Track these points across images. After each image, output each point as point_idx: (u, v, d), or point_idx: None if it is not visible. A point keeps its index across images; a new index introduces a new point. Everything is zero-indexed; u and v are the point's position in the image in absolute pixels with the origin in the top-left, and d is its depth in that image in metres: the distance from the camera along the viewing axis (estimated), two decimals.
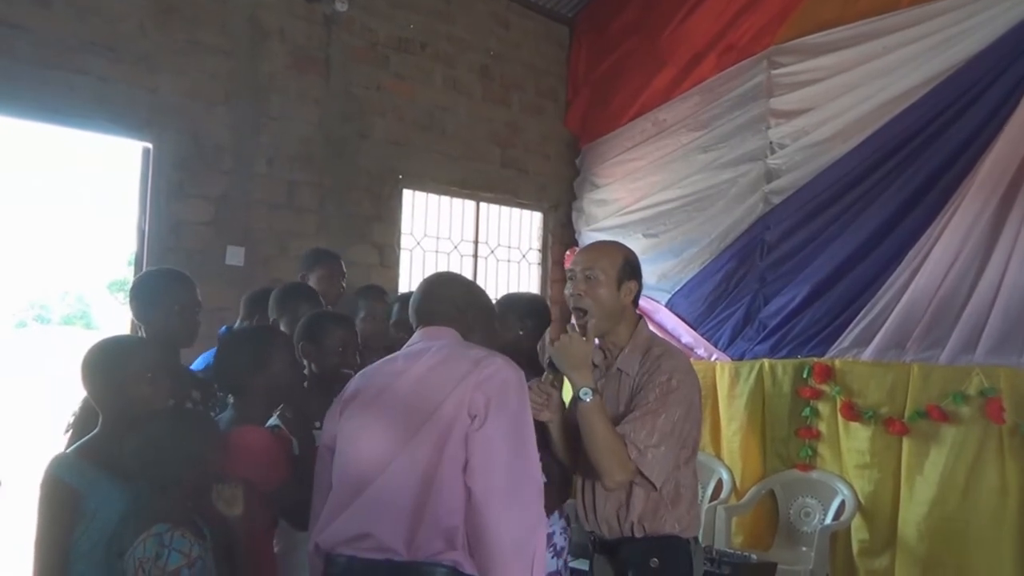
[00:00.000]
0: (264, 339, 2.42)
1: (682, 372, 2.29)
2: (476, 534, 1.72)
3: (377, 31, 5.16)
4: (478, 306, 2.13)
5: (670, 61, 5.67)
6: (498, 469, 1.73)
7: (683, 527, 2.27)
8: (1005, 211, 4.05)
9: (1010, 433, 3.94)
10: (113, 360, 2.16)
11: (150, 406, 2.12)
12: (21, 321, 34.62)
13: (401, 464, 1.78)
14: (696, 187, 5.47)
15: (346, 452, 1.89)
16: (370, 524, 1.78)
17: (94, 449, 2.10)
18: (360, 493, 1.80)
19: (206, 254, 4.35)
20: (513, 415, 1.79)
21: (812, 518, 4.67)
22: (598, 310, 2.31)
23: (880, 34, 4.61)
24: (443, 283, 2.17)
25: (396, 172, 5.25)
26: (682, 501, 2.28)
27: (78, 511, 2.01)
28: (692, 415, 2.29)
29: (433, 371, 1.86)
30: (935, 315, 4.22)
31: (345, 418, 1.93)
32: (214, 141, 4.42)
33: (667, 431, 2.22)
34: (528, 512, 1.75)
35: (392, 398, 1.87)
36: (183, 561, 1.93)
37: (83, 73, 3.95)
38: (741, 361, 5.01)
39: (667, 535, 2.25)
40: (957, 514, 4.05)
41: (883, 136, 4.55)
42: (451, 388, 1.79)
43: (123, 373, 2.12)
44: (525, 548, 1.72)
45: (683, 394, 2.26)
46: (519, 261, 6.27)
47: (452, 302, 2.07)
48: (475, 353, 1.89)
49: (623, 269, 2.35)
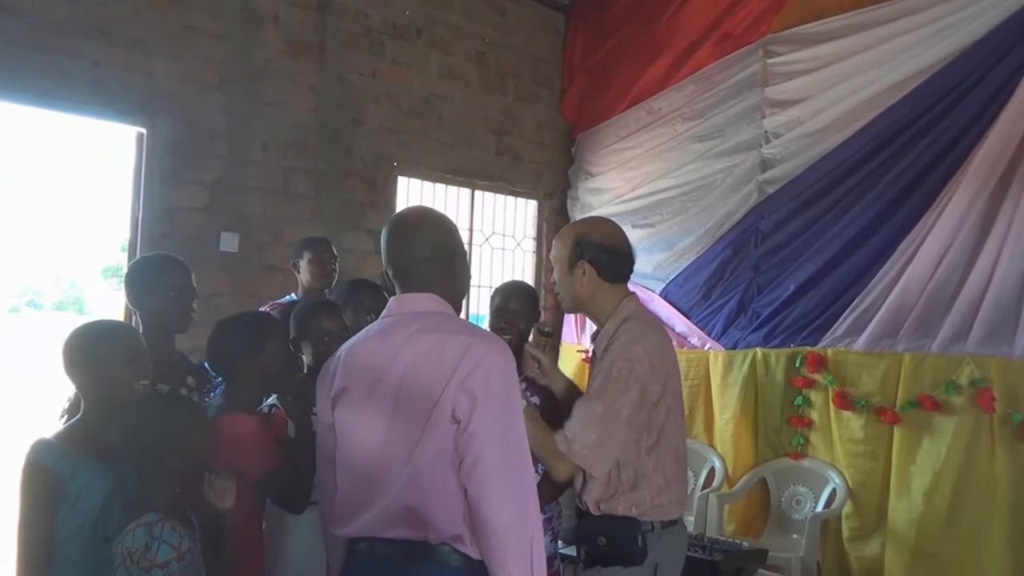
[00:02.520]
0: (259, 325, 2.41)
1: (628, 358, 2.23)
2: (475, 526, 1.73)
3: (372, 17, 5.13)
4: (453, 250, 1.97)
5: (666, 50, 5.66)
6: (488, 466, 1.72)
7: (641, 511, 2.26)
8: (998, 202, 4.06)
9: (1001, 422, 3.97)
10: (94, 344, 2.15)
11: (131, 391, 2.11)
12: (14, 306, 34.53)
13: (405, 456, 1.76)
14: (691, 176, 5.47)
15: (350, 447, 1.86)
16: (401, 504, 1.77)
17: (77, 433, 2.11)
18: (373, 488, 1.79)
19: (200, 240, 4.33)
20: (497, 409, 1.75)
21: (803, 506, 4.71)
22: (562, 295, 2.41)
23: (875, 23, 4.61)
24: (414, 228, 1.96)
25: (391, 159, 5.24)
26: (643, 487, 2.26)
27: (60, 495, 2.01)
28: (648, 400, 2.25)
29: (421, 362, 1.78)
30: (927, 305, 4.24)
31: (340, 411, 1.88)
32: (208, 126, 4.40)
33: (606, 419, 2.21)
34: (523, 502, 1.75)
35: (384, 393, 1.81)
36: (173, 554, 1.92)
37: (76, 57, 3.92)
38: (734, 350, 5.04)
39: (620, 516, 2.27)
40: (948, 502, 4.09)
41: (877, 126, 4.55)
42: (438, 390, 1.74)
43: (104, 357, 2.11)
44: (522, 538, 1.72)
45: (628, 380, 2.21)
46: (514, 249, 6.27)
47: (428, 255, 1.90)
48: (461, 340, 1.78)
49: (572, 250, 2.36)
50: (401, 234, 1.95)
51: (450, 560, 1.75)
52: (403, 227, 1.97)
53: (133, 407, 2.06)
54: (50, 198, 51.57)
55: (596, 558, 2.29)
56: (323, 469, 1.95)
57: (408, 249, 1.92)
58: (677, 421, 2.35)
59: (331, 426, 1.90)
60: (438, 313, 1.89)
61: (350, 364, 1.88)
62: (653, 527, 2.28)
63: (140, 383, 2.15)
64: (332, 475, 1.90)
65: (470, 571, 1.75)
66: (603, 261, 2.35)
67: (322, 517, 1.98)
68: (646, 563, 2.26)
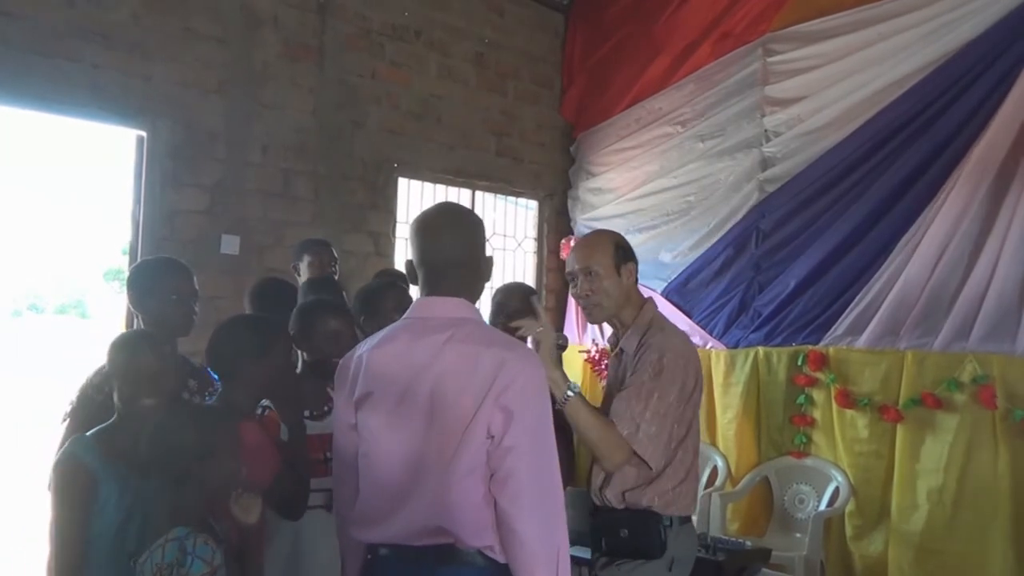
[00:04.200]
0: (267, 329, 2.39)
1: (674, 352, 2.33)
2: (504, 537, 1.73)
3: (371, 18, 5.13)
4: (483, 252, 1.94)
5: (665, 49, 5.66)
6: (521, 480, 1.71)
7: (663, 503, 2.32)
8: (998, 198, 4.06)
9: (1003, 419, 3.97)
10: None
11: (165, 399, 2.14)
12: (16, 310, 34.55)
13: (438, 469, 1.75)
14: (692, 176, 5.47)
15: (377, 455, 1.82)
16: (429, 519, 1.76)
17: (108, 437, 2.11)
18: (401, 498, 1.78)
19: (201, 243, 4.33)
20: (533, 424, 1.75)
21: (806, 504, 4.70)
22: (608, 302, 2.44)
23: (875, 21, 4.61)
24: (449, 228, 1.91)
25: (391, 161, 5.24)
26: (667, 478, 2.32)
27: (94, 495, 2.00)
28: (684, 395, 2.32)
29: (454, 376, 1.75)
30: (928, 302, 4.24)
31: (364, 415, 1.84)
32: (208, 129, 4.40)
33: (660, 411, 2.27)
34: (552, 515, 1.75)
35: (416, 403, 1.78)
36: (206, 569, 1.84)
37: (76, 61, 3.92)
38: (736, 349, 5.04)
39: (643, 509, 2.32)
40: (951, 500, 4.09)
41: (876, 124, 4.55)
42: (474, 407, 1.72)
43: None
44: (551, 550, 1.72)
45: (673, 374, 2.30)
46: (515, 250, 6.27)
47: (462, 258, 1.87)
48: (494, 354, 1.76)
49: (616, 255, 2.44)
50: (436, 233, 1.89)
51: (475, 561, 1.76)
52: (434, 226, 1.91)
53: (167, 414, 2.04)
54: (51, 201, 51.53)
55: (617, 551, 2.35)
56: (343, 470, 1.92)
57: (443, 250, 1.87)
58: (699, 417, 2.43)
59: (352, 426, 1.87)
60: (469, 320, 1.85)
61: (375, 367, 1.83)
62: (672, 522, 2.33)
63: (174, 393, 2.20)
64: (353, 477, 1.87)
65: (496, 572, 1.75)
66: (636, 264, 2.49)
67: (339, 518, 1.95)
68: (664, 557, 2.30)
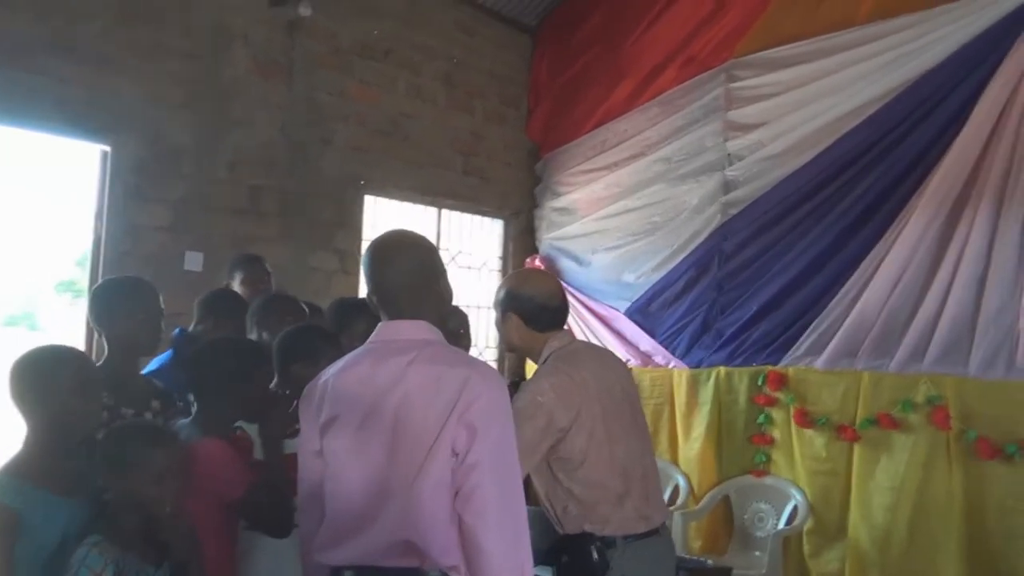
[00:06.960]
0: (250, 354, 2.38)
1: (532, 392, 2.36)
2: (468, 554, 1.75)
3: (341, 37, 5.14)
4: (437, 272, 1.96)
5: (631, 72, 5.75)
6: (485, 496, 1.73)
7: (597, 527, 2.36)
8: (952, 226, 4.19)
9: (956, 439, 4.08)
10: (41, 372, 2.04)
11: (83, 421, 2.04)
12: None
13: (402, 489, 1.76)
14: (655, 197, 5.55)
15: (342, 477, 1.83)
16: (395, 534, 1.77)
17: (23, 466, 1.98)
18: (366, 518, 1.78)
19: (163, 259, 4.27)
20: (497, 440, 1.77)
21: (766, 523, 4.77)
22: (511, 342, 2.59)
23: (836, 50, 4.73)
24: (395, 253, 1.94)
25: (358, 178, 5.23)
26: (589, 505, 2.36)
27: (16, 531, 1.91)
28: (555, 427, 2.33)
29: (419, 395, 1.77)
30: (885, 325, 4.36)
31: (329, 440, 1.85)
32: (175, 145, 4.36)
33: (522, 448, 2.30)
34: (517, 532, 1.77)
35: (380, 424, 1.79)
36: None
37: (42, 74, 3.86)
38: (698, 369, 5.11)
39: (577, 534, 2.39)
40: (906, 518, 4.18)
41: (836, 151, 4.67)
42: (438, 425, 1.74)
43: (53, 386, 1.99)
44: (515, 566, 1.74)
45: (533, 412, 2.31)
46: (480, 268, 6.29)
47: (412, 280, 1.90)
48: (458, 373, 1.79)
49: (503, 303, 2.56)
50: (383, 259, 1.93)
51: None
52: (384, 252, 1.94)
53: (104, 436, 2.00)
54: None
55: (567, 574, 2.42)
56: (306, 496, 1.93)
57: (391, 274, 1.91)
58: (615, 440, 2.41)
59: (318, 452, 1.87)
60: (432, 342, 1.87)
61: (340, 391, 1.85)
62: (615, 542, 2.35)
63: (97, 415, 2.08)
64: (317, 502, 1.88)
65: None
66: (530, 312, 2.51)
67: (303, 543, 1.95)
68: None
